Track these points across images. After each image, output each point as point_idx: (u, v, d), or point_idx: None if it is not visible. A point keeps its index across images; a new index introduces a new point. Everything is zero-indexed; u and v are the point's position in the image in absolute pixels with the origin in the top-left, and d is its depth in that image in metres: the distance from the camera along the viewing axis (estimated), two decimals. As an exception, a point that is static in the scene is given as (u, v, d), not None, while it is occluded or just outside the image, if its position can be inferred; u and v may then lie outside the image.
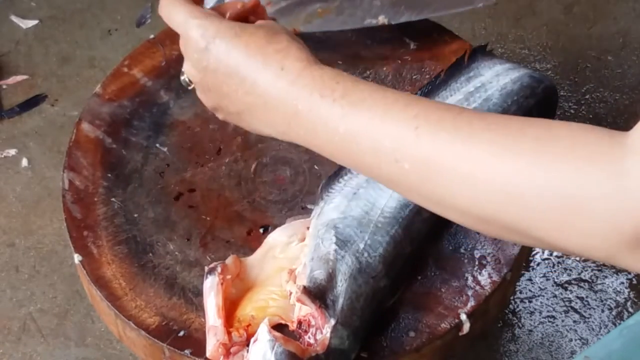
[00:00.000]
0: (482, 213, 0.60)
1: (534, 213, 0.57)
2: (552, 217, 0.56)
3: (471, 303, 0.79)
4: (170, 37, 1.01)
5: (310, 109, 0.66)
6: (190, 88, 0.78)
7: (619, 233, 0.54)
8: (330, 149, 0.67)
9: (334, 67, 0.67)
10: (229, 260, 0.79)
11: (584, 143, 0.56)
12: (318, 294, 0.73)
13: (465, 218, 0.62)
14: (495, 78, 0.88)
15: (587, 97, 1.66)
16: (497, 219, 0.59)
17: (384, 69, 1.00)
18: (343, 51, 1.01)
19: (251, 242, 0.84)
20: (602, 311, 1.39)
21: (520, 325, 1.37)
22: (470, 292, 0.80)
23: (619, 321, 1.38)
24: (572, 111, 1.64)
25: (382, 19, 0.95)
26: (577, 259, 1.43)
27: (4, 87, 1.74)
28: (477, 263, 0.82)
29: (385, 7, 0.95)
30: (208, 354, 0.74)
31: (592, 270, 1.44)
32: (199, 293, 0.80)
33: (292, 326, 0.74)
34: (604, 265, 1.43)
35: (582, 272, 1.43)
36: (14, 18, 1.86)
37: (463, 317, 0.78)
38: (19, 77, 1.76)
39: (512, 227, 0.59)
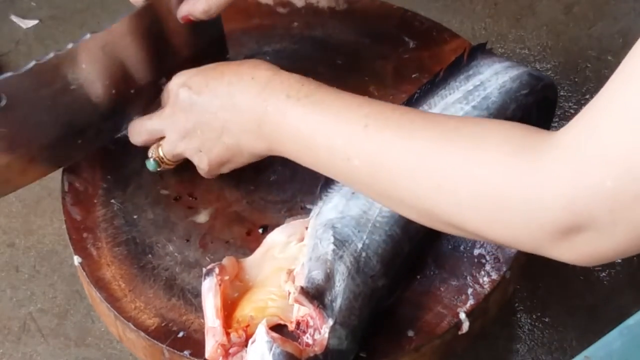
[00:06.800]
0: (422, 206, 0.63)
1: (466, 207, 0.60)
2: (481, 211, 0.59)
3: (470, 302, 0.79)
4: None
5: (277, 109, 0.71)
6: (160, 169, 0.85)
7: (540, 226, 0.56)
8: (293, 148, 0.71)
9: (334, 66, 0.69)
10: (225, 260, 0.79)
11: (511, 140, 0.59)
12: (316, 294, 0.72)
13: (411, 212, 0.66)
14: (495, 76, 0.88)
15: (587, 97, 1.66)
16: (435, 213, 0.62)
17: (384, 68, 1.00)
18: (343, 50, 1.01)
19: (251, 242, 0.84)
20: (603, 311, 1.39)
21: (520, 325, 1.36)
22: (469, 291, 0.80)
23: (618, 321, 1.37)
24: (572, 111, 1.63)
25: None
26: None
27: (4, 87, 1.74)
28: (476, 262, 0.82)
29: None
30: (207, 355, 0.74)
31: (593, 269, 1.43)
32: (198, 294, 0.79)
33: (291, 327, 0.74)
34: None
35: (582, 271, 1.43)
36: (14, 18, 1.86)
37: (462, 316, 0.78)
38: (19, 78, 1.76)
39: (448, 220, 0.62)
